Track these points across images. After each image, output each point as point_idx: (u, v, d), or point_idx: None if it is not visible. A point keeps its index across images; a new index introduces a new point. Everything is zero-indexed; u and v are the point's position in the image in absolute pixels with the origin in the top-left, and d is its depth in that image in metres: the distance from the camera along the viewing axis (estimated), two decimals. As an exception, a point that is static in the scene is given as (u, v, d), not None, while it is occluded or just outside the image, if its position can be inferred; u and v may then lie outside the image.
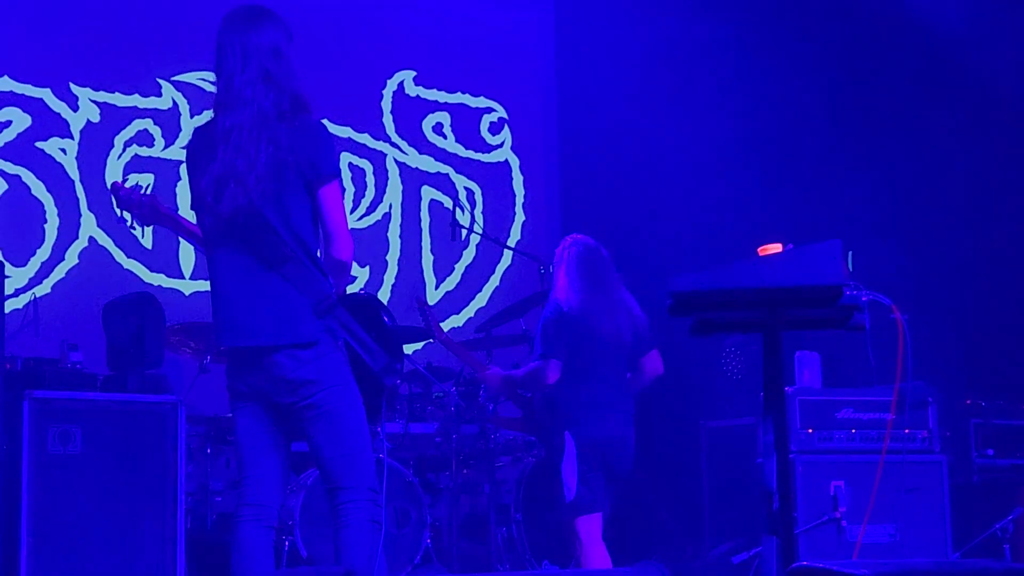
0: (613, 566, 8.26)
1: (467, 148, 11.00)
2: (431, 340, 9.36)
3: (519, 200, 11.13)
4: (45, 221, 9.41)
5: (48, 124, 9.49)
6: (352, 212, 10.44)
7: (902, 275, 9.31)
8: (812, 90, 10.52)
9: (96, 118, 9.63)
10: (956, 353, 9.38)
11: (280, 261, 5.12)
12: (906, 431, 8.01)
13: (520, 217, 11.10)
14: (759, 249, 4.65)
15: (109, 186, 5.62)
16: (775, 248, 4.62)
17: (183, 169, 6.02)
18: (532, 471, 8.36)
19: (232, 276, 5.20)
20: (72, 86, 9.59)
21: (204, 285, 5.46)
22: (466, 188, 10.92)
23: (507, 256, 10.74)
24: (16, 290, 9.08)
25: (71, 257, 9.45)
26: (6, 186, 9.29)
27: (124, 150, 9.67)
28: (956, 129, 10.14)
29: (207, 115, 5.41)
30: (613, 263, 7.50)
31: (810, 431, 7.98)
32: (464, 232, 9.09)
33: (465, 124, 11.01)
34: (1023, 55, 9.77)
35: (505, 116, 11.15)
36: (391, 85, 10.77)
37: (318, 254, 5.24)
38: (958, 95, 10.14)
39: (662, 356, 8.16)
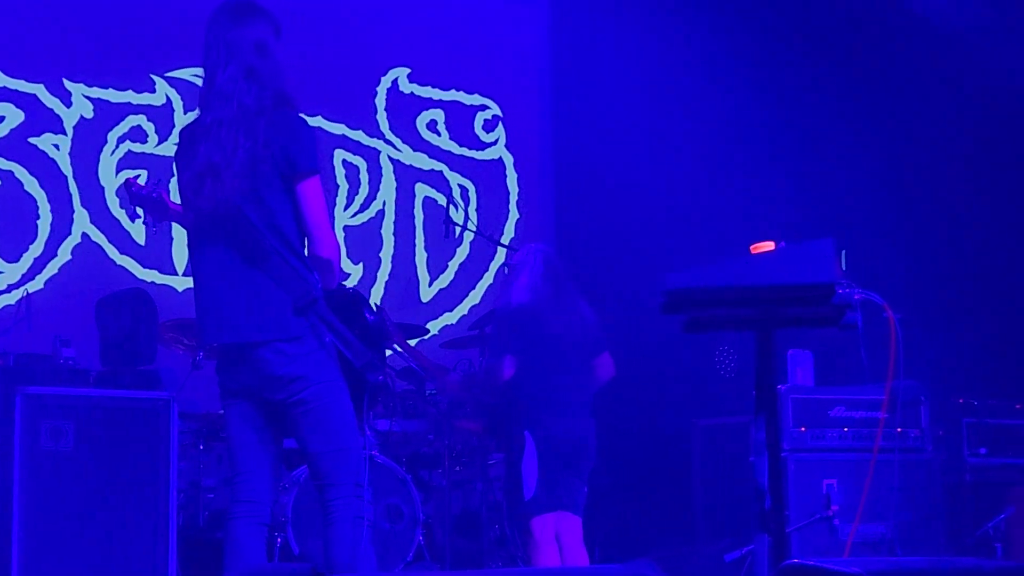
0: (606, 563, 8.26)
1: (461, 145, 11.00)
2: (425, 337, 9.40)
3: (513, 198, 11.14)
4: (38, 217, 9.40)
5: (41, 120, 9.48)
6: (346, 209, 10.45)
7: (896, 274, 9.34)
8: (806, 87, 10.53)
9: (89, 114, 9.62)
10: (949, 352, 9.37)
11: (261, 257, 5.11)
12: (899, 430, 8.01)
13: (514, 215, 11.11)
14: (752, 247, 4.66)
15: (123, 183, 5.61)
16: (768, 246, 4.62)
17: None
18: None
19: (215, 272, 5.21)
20: (65, 82, 9.58)
21: (196, 282, 5.45)
22: (460, 185, 10.92)
23: (501, 254, 10.74)
24: (9, 286, 9.09)
25: (64, 253, 9.44)
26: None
27: (117, 146, 9.66)
28: (950, 127, 10.14)
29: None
30: (567, 271, 7.50)
31: (803, 429, 7.98)
32: (458, 230, 9.08)
33: (459, 121, 11.01)
34: (1018, 54, 9.78)
35: (499, 114, 11.15)
36: (385, 82, 10.77)
37: (306, 251, 5.23)
38: (953, 93, 10.14)
39: (654, 354, 8.15)
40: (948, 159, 10.17)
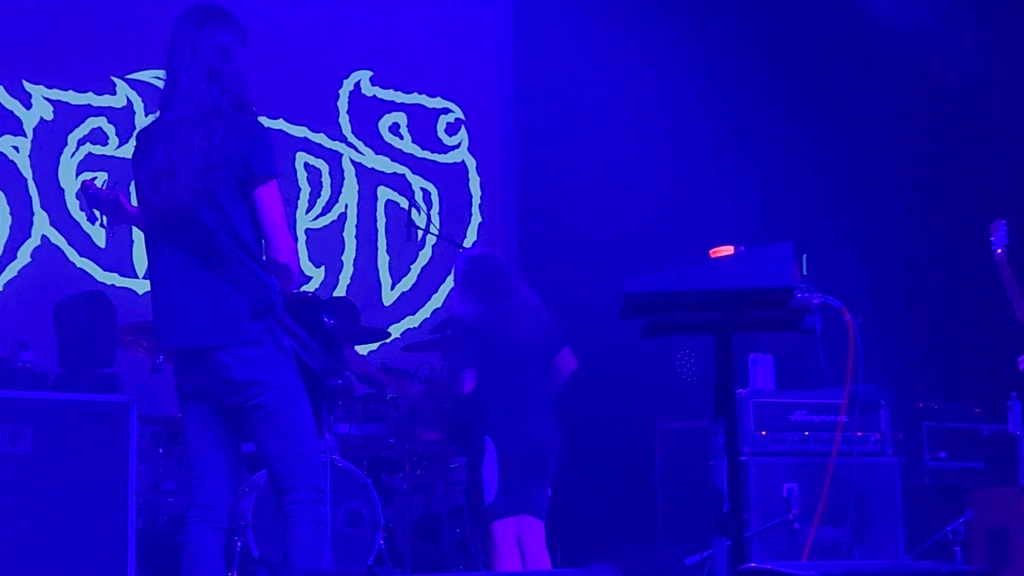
0: (567, 566, 8.25)
1: (424, 149, 10.98)
2: (386, 340, 9.39)
3: (475, 201, 11.12)
4: (-3, 219, 9.36)
5: (1, 121, 9.42)
6: (308, 212, 10.42)
7: (857, 278, 9.37)
8: (767, 93, 10.56)
9: (49, 116, 9.57)
10: (910, 356, 9.42)
11: (218, 260, 5.09)
12: (859, 433, 8.03)
13: (476, 218, 11.09)
14: (711, 251, 4.67)
15: (80, 185, 5.59)
16: (727, 250, 4.63)
17: (135, 167, 5.99)
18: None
19: (172, 275, 5.19)
20: (25, 84, 9.53)
21: (156, 285, 5.41)
22: (422, 189, 10.90)
23: (463, 257, 10.71)
24: (-33, 289, 9.03)
25: (23, 256, 9.39)
26: (-42, 184, 9.24)
27: (78, 148, 9.62)
28: (911, 134, 10.19)
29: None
30: (512, 269, 7.49)
31: (763, 433, 8.00)
32: (420, 233, 9.07)
33: (422, 125, 10.99)
34: (978, 58, 9.83)
35: (462, 117, 11.13)
36: (348, 85, 10.74)
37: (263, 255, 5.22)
38: (913, 100, 10.19)
39: (617, 357, 8.13)
40: (908, 165, 10.21)
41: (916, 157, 10.20)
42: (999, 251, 6.80)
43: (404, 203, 10.07)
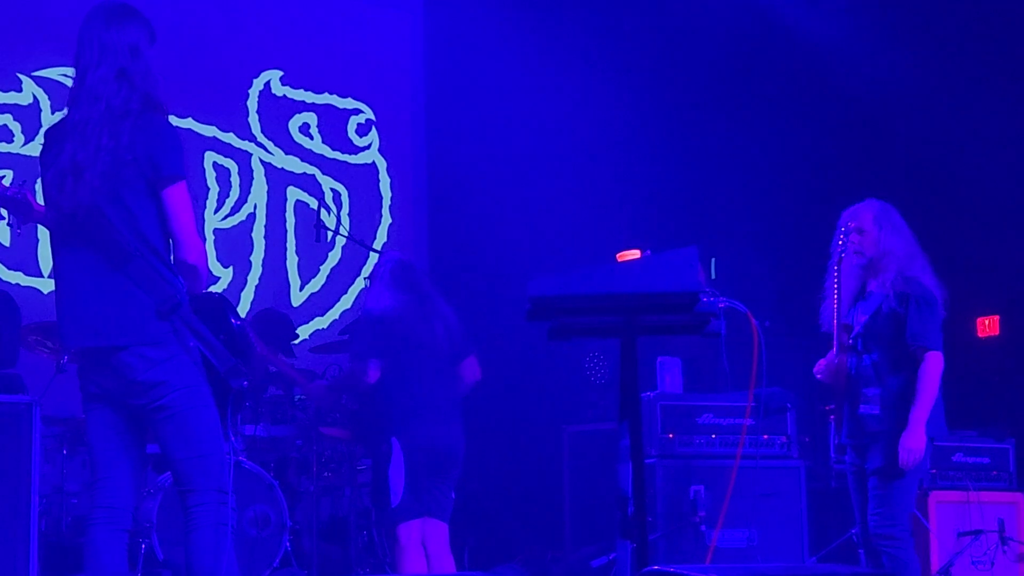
0: (474, 569, 8.26)
1: (334, 149, 10.95)
2: (295, 341, 9.34)
3: (386, 202, 11.10)
4: (-101, 217, 9.22)
5: (-96, 118, 9.33)
6: (216, 212, 10.35)
7: (764, 283, 9.43)
8: (675, 96, 10.62)
9: (-46, 113, 9.48)
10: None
11: (123, 260, 5.05)
12: (765, 437, 8.10)
13: (387, 219, 11.08)
14: (617, 255, 4.69)
15: None
16: (633, 254, 4.65)
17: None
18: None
19: (76, 274, 5.14)
20: (-71, 80, 9.43)
21: (63, 284, 5.36)
22: (332, 189, 10.87)
23: (373, 259, 10.66)
24: None
25: (-75, 254, 9.29)
26: None
27: (-17, 146, 9.53)
28: (817, 139, 10.28)
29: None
30: (428, 278, 7.54)
31: (671, 436, 8.04)
32: (329, 234, 9.04)
33: (332, 125, 10.96)
34: (881, 66, 9.93)
35: (373, 118, 11.12)
36: (257, 84, 10.69)
37: (171, 255, 5.18)
38: (819, 105, 10.28)
39: (525, 360, 8.11)
40: (814, 170, 10.30)
41: (821, 162, 10.29)
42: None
43: (314, 204, 10.04)
